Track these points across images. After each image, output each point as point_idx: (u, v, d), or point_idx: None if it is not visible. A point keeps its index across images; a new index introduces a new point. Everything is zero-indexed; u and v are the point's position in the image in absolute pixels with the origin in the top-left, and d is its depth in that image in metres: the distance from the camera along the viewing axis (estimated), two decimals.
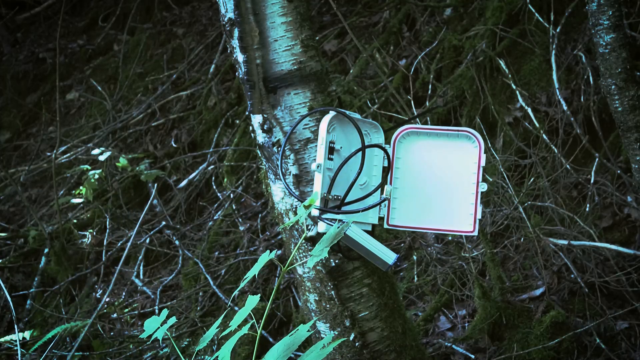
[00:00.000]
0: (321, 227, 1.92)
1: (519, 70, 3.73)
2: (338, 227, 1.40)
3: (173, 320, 1.38)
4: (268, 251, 1.30)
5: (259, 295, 1.35)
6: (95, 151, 4.44)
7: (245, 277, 1.29)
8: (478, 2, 4.12)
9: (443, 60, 4.05)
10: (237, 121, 4.64)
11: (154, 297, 3.78)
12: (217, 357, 1.19)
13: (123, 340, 3.52)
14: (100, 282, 4.10)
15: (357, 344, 2.10)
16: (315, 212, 1.90)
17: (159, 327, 1.37)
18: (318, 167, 1.88)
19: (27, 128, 6.18)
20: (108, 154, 4.31)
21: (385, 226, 2.07)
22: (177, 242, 4.06)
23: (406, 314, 2.27)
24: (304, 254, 2.09)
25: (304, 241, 2.06)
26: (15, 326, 2.55)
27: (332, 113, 1.91)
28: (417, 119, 3.40)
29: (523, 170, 3.34)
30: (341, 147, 1.96)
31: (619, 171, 3.18)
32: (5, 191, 5.23)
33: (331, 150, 1.90)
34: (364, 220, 2.04)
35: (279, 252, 3.59)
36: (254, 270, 1.24)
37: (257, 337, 1.19)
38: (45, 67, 6.56)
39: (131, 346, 3.45)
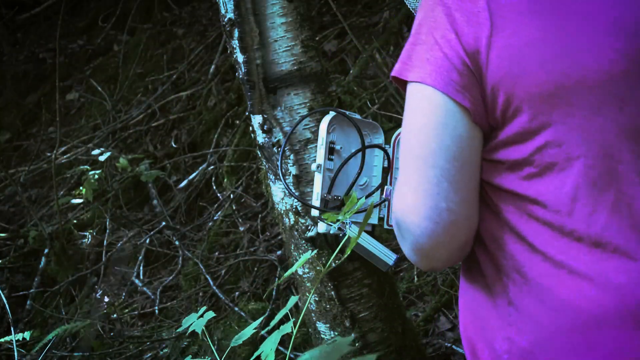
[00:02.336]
0: (321, 227, 1.92)
1: None
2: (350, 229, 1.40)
3: (211, 314, 1.44)
4: (310, 250, 1.33)
5: (297, 296, 1.38)
6: (95, 151, 4.44)
7: (284, 275, 1.32)
8: None
9: None
10: (237, 121, 4.65)
11: (154, 297, 3.78)
12: (260, 354, 1.22)
13: (123, 340, 3.52)
14: (100, 283, 4.10)
15: (357, 344, 2.10)
16: (315, 213, 1.90)
17: (194, 321, 1.44)
18: (318, 167, 1.87)
19: (27, 128, 6.18)
20: (108, 154, 4.31)
21: (385, 226, 2.06)
22: (177, 243, 4.06)
23: (406, 314, 2.27)
24: (303, 254, 2.09)
25: (303, 241, 2.06)
26: (12, 328, 2.54)
27: (332, 113, 1.90)
28: None
29: None
30: (341, 148, 1.96)
31: None
32: (5, 191, 5.23)
33: (331, 150, 1.89)
34: None
35: (279, 252, 3.59)
36: (294, 268, 1.27)
37: (293, 335, 1.21)
38: (45, 67, 6.56)
39: (131, 346, 3.45)
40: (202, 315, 1.44)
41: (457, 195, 1.18)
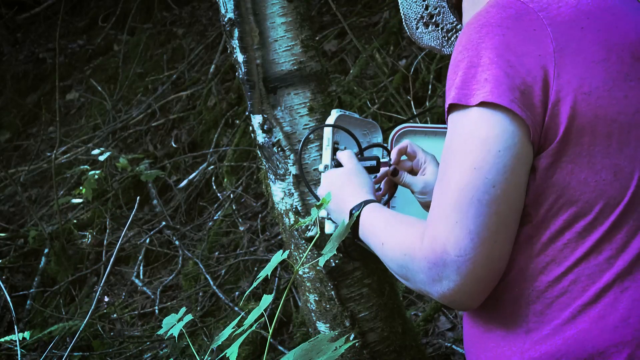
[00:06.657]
0: (328, 228, 1.91)
1: None
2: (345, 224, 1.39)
3: (189, 317, 1.40)
4: (280, 251, 1.31)
5: (272, 295, 1.36)
6: (95, 151, 4.44)
7: (257, 276, 1.29)
8: None
9: (443, 60, 4.05)
10: (237, 121, 4.65)
11: (154, 297, 3.78)
12: (225, 355, 1.20)
13: (123, 340, 3.52)
14: (100, 282, 4.11)
15: (357, 344, 2.10)
16: (323, 214, 1.89)
17: (175, 324, 1.40)
18: (325, 167, 1.86)
19: (27, 128, 6.18)
20: (108, 154, 4.31)
21: None
22: (177, 243, 4.06)
23: (406, 314, 2.27)
24: (303, 254, 2.09)
25: (303, 241, 2.06)
26: (15, 327, 2.55)
27: (336, 114, 1.89)
28: (417, 118, 3.41)
29: None
30: (345, 148, 1.95)
31: None
32: (5, 191, 5.23)
33: (335, 151, 1.89)
34: None
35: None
36: (267, 270, 1.25)
37: (269, 338, 1.20)
38: (45, 67, 6.56)
39: (131, 346, 3.45)
40: (181, 318, 1.42)
41: (509, 242, 1.18)
